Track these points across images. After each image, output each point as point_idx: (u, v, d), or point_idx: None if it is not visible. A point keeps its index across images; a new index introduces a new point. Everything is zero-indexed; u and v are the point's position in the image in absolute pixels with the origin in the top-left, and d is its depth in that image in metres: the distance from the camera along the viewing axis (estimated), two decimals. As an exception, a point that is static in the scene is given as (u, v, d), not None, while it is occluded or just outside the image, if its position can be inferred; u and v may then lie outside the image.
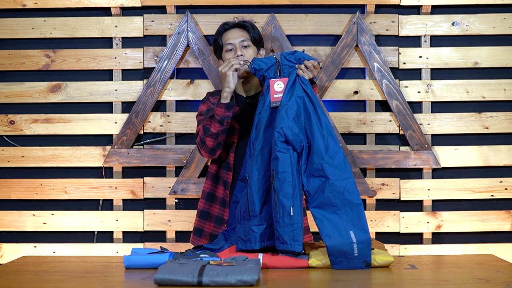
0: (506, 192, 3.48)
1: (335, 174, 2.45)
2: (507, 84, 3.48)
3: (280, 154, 2.49)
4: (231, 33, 2.85)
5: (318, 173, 2.47)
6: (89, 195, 3.51)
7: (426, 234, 3.47)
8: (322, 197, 2.45)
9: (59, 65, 3.50)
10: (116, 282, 2.29)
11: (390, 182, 3.45)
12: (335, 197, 2.43)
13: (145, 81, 3.47)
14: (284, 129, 2.50)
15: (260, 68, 2.61)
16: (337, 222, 2.41)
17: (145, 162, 3.47)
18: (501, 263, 2.56)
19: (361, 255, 2.37)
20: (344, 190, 2.44)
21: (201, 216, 2.90)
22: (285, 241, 2.43)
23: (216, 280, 2.10)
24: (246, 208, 2.57)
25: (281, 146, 2.50)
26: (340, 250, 2.38)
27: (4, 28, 3.51)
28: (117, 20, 3.49)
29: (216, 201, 2.89)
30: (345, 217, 2.42)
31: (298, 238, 2.43)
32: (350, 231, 2.39)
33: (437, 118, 3.48)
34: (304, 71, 2.59)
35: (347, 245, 2.37)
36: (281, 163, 2.48)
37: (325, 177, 2.45)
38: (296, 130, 2.51)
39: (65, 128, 3.51)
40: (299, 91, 2.55)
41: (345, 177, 2.46)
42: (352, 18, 3.44)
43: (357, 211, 2.42)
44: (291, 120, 2.51)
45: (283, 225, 2.45)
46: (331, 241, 2.38)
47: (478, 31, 3.48)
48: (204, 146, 2.78)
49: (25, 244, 3.50)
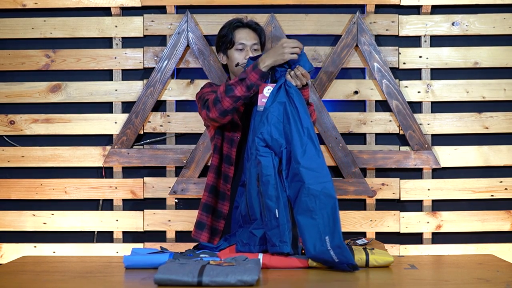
0: (506, 192, 3.47)
1: (311, 178, 2.44)
2: (507, 84, 3.48)
3: (262, 158, 2.52)
4: (245, 33, 2.89)
5: (296, 177, 2.47)
6: (89, 195, 3.51)
7: (426, 234, 3.47)
8: (300, 202, 2.44)
9: (59, 65, 3.50)
10: (116, 282, 2.29)
11: (390, 182, 3.45)
12: (311, 202, 2.42)
13: (145, 81, 3.47)
14: (263, 134, 2.54)
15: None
16: (313, 228, 2.40)
17: (145, 162, 3.47)
18: (501, 263, 2.56)
19: (341, 260, 2.36)
20: (320, 194, 2.42)
21: (204, 210, 2.89)
22: (274, 244, 2.45)
23: (216, 280, 2.10)
24: (247, 212, 2.58)
25: (262, 150, 2.53)
26: (322, 259, 2.39)
27: (4, 28, 3.51)
28: (117, 20, 3.49)
29: (218, 195, 2.89)
30: (322, 222, 2.40)
31: (285, 239, 2.44)
32: (326, 237, 2.38)
33: (437, 118, 3.48)
34: (292, 77, 2.61)
35: (325, 253, 2.37)
36: (264, 167, 2.51)
37: (301, 181, 2.45)
38: (276, 135, 2.53)
39: (65, 128, 3.50)
40: (282, 97, 2.56)
41: (321, 181, 2.44)
42: (352, 18, 3.44)
43: (333, 215, 2.41)
44: (271, 125, 2.54)
45: (271, 227, 2.47)
46: (310, 253, 2.39)
47: (478, 31, 3.48)
48: (218, 104, 2.67)
49: (25, 244, 3.50)
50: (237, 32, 2.87)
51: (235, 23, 2.90)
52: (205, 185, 2.91)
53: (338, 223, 2.40)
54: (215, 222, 2.87)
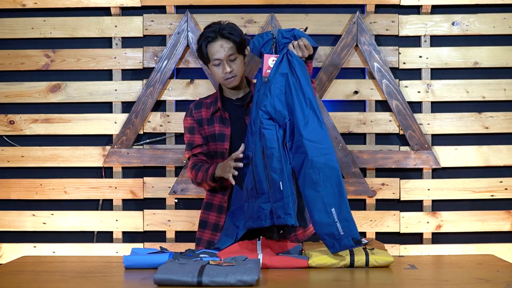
0: (506, 192, 3.47)
1: (314, 150, 2.45)
2: (507, 84, 3.48)
3: (265, 131, 2.52)
4: (217, 46, 2.75)
5: (299, 149, 2.48)
6: (89, 195, 3.51)
7: (426, 234, 3.47)
8: (304, 174, 2.45)
9: (58, 65, 3.50)
10: (116, 282, 2.29)
11: (390, 182, 3.45)
12: (315, 174, 2.43)
13: (145, 81, 3.47)
14: (266, 106, 2.55)
15: (258, 43, 2.67)
16: (318, 200, 2.42)
17: (145, 162, 3.47)
18: (501, 263, 2.56)
19: (346, 233, 2.38)
20: (324, 166, 2.43)
21: (205, 208, 2.92)
22: (279, 216, 2.45)
23: (216, 280, 2.10)
24: (253, 186, 2.57)
25: (266, 123, 2.54)
26: (328, 233, 2.40)
27: (4, 28, 3.50)
28: (116, 20, 3.49)
29: (213, 209, 2.89)
30: (326, 194, 2.41)
31: (289, 211, 2.44)
32: (332, 209, 2.40)
33: (437, 118, 3.47)
34: (295, 47, 2.62)
35: (331, 225, 2.39)
36: (267, 140, 2.51)
37: (304, 153, 2.46)
38: (279, 106, 2.54)
39: (65, 128, 3.50)
40: (284, 68, 2.57)
41: (324, 153, 2.45)
42: (352, 18, 3.44)
43: (338, 187, 2.42)
44: (274, 97, 2.55)
45: (276, 200, 2.47)
46: (318, 226, 2.41)
47: (478, 31, 3.48)
48: (196, 185, 2.89)
49: (25, 244, 3.50)
50: (210, 47, 2.76)
51: (207, 37, 2.76)
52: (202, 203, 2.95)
53: (345, 196, 2.42)
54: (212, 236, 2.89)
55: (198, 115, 2.90)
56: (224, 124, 2.84)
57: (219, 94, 2.89)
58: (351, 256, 2.42)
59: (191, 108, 2.93)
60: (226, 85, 2.83)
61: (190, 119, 2.91)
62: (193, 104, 2.95)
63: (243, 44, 2.81)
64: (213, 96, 2.95)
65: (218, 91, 2.91)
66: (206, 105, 2.91)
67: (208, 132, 2.87)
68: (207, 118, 2.88)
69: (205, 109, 2.90)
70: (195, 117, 2.90)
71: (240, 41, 2.78)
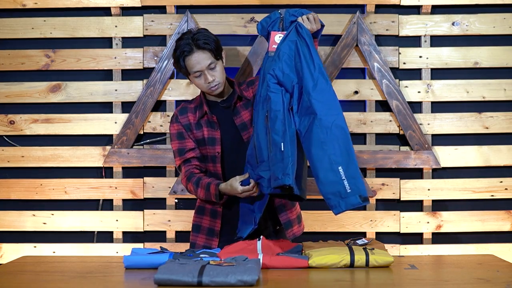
0: (506, 192, 3.47)
1: (323, 109, 2.49)
2: (507, 84, 3.48)
3: (272, 94, 2.56)
4: (194, 59, 2.71)
5: (308, 110, 2.52)
6: (89, 195, 3.51)
7: (426, 234, 3.47)
8: (311, 134, 2.48)
9: (59, 65, 3.50)
10: (116, 282, 2.29)
11: (390, 182, 3.45)
12: (323, 133, 2.46)
13: (145, 81, 3.47)
14: (275, 70, 2.59)
15: (266, 23, 2.73)
16: (325, 159, 2.44)
17: (145, 162, 3.47)
18: (501, 263, 2.56)
19: (353, 190, 2.39)
20: (332, 126, 2.47)
21: (198, 212, 2.92)
22: (277, 177, 2.47)
23: (216, 280, 2.10)
24: (253, 153, 2.62)
25: (273, 87, 2.58)
26: (333, 192, 2.41)
27: (4, 28, 3.50)
28: (117, 20, 3.49)
29: (206, 213, 2.88)
30: (333, 153, 2.44)
31: (288, 171, 2.45)
32: (339, 167, 2.42)
33: (437, 118, 3.48)
34: (304, 20, 2.66)
35: (338, 183, 2.40)
36: (273, 102, 2.55)
37: (313, 114, 2.49)
38: (287, 70, 2.58)
39: (65, 128, 3.50)
40: (293, 36, 2.62)
41: (333, 113, 2.49)
42: (352, 18, 3.44)
43: (345, 146, 2.45)
44: (282, 62, 2.59)
45: (276, 162, 2.50)
46: (323, 185, 2.43)
47: (478, 31, 3.48)
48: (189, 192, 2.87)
49: (25, 244, 3.50)
50: (188, 61, 2.72)
51: (183, 51, 2.71)
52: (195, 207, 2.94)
53: (353, 155, 2.45)
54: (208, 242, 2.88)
55: (185, 120, 2.85)
56: (213, 128, 2.81)
57: (203, 98, 2.85)
58: (351, 256, 2.42)
59: (176, 114, 2.88)
60: (211, 94, 2.80)
61: (177, 125, 2.86)
62: (177, 110, 2.90)
63: (219, 49, 2.77)
64: (197, 101, 2.90)
65: (202, 95, 2.87)
66: (191, 110, 2.87)
67: (197, 137, 2.84)
68: (194, 123, 2.84)
69: (191, 114, 2.86)
70: (182, 123, 2.85)
71: (216, 47, 2.74)
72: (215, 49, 2.73)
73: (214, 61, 2.73)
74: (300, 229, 2.94)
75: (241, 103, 2.84)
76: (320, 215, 3.44)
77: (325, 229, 3.45)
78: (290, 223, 2.86)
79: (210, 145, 2.81)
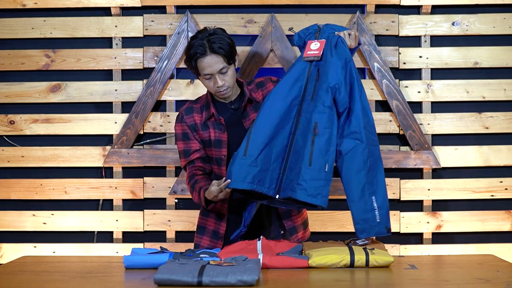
0: (506, 192, 3.47)
1: (369, 138, 2.61)
2: (507, 84, 3.48)
3: (327, 110, 2.59)
4: (207, 62, 2.67)
5: (354, 135, 2.60)
6: (89, 195, 3.51)
7: (426, 234, 3.47)
8: (353, 159, 2.58)
9: (59, 65, 3.50)
10: (116, 282, 2.29)
11: (390, 182, 3.45)
12: (367, 161, 2.58)
13: (145, 81, 3.47)
14: (337, 86, 2.61)
15: (304, 35, 2.78)
16: (362, 186, 2.56)
17: (145, 162, 3.47)
18: (501, 263, 2.56)
19: (382, 221, 2.55)
20: (373, 155, 2.60)
21: (203, 213, 2.90)
22: (313, 194, 2.52)
23: (216, 280, 2.10)
24: (244, 145, 2.61)
25: (328, 103, 2.60)
26: (364, 219, 2.55)
27: (4, 28, 3.50)
28: (117, 20, 3.49)
29: (211, 215, 2.86)
30: (369, 181, 2.57)
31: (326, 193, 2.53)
32: (373, 197, 2.56)
33: (437, 118, 3.48)
34: (345, 36, 2.69)
35: (369, 211, 2.55)
36: (326, 118, 2.57)
37: (360, 140, 2.59)
38: (343, 91, 2.62)
39: (65, 128, 3.50)
40: (348, 54, 2.67)
41: (375, 144, 2.64)
42: (352, 18, 3.44)
43: (380, 177, 2.60)
44: (342, 80, 2.62)
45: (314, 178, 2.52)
46: (356, 208, 2.55)
47: (478, 31, 3.48)
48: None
49: (25, 244, 3.50)
50: (200, 62, 2.67)
51: (195, 53, 2.67)
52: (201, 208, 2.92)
53: (385, 185, 2.61)
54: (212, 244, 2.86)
55: (191, 120, 2.82)
56: (220, 130, 2.77)
57: (210, 98, 2.81)
58: (351, 256, 2.42)
59: (182, 114, 2.84)
60: (218, 97, 2.78)
61: (183, 125, 2.83)
62: (183, 110, 2.86)
63: (233, 53, 2.73)
64: (203, 100, 2.86)
65: (209, 95, 2.83)
66: (197, 109, 2.83)
67: (203, 138, 2.80)
68: (201, 123, 2.80)
69: (197, 114, 2.81)
70: (187, 123, 2.82)
71: (230, 52, 2.70)
72: (229, 53, 2.69)
73: (226, 66, 2.69)
74: (306, 235, 2.93)
75: (250, 105, 2.80)
76: (320, 215, 3.44)
77: (325, 229, 3.45)
78: (295, 229, 2.86)
79: (216, 147, 2.79)
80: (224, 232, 2.82)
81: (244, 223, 2.65)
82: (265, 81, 2.86)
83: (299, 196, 2.51)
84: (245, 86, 2.82)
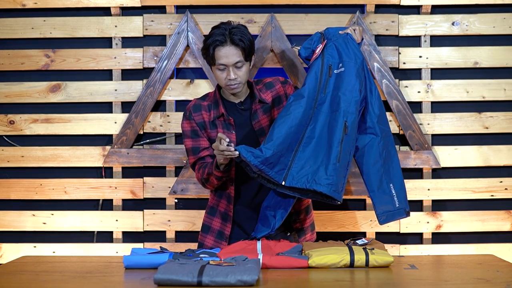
0: (506, 192, 3.47)
1: (383, 131, 2.74)
2: (507, 84, 3.48)
3: (357, 112, 2.69)
4: (225, 52, 2.66)
5: (369, 130, 2.73)
6: (89, 195, 3.51)
7: (426, 234, 3.47)
8: (370, 151, 2.71)
9: (58, 65, 3.50)
10: (116, 282, 2.29)
11: (390, 182, 3.45)
12: (382, 152, 2.72)
13: (145, 81, 3.47)
14: (362, 90, 2.71)
15: (310, 45, 2.81)
16: (380, 176, 2.71)
17: (145, 162, 3.47)
18: (501, 263, 2.56)
19: (401, 205, 2.71)
20: (389, 146, 2.75)
21: (209, 212, 2.89)
22: (337, 190, 2.60)
23: (216, 280, 2.10)
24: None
25: (357, 104, 2.69)
26: (384, 206, 2.70)
27: (4, 28, 3.50)
28: (116, 20, 3.49)
29: (217, 215, 2.85)
30: (387, 171, 2.72)
31: (343, 189, 2.64)
32: (390, 185, 2.71)
33: (437, 118, 3.48)
34: (352, 32, 2.75)
35: (389, 199, 2.70)
36: (355, 119, 2.67)
37: (375, 134, 2.72)
38: (363, 91, 2.73)
39: (64, 128, 3.50)
40: (360, 51, 2.74)
41: (389, 134, 2.77)
42: (352, 18, 3.44)
43: (396, 166, 2.74)
44: (363, 81, 2.73)
45: (338, 174, 2.61)
46: (376, 197, 2.70)
47: (478, 31, 3.48)
48: (206, 186, 2.80)
49: (25, 244, 3.50)
50: (218, 51, 2.66)
51: (215, 40, 2.66)
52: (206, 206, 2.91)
53: (401, 172, 2.76)
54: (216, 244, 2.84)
55: (199, 118, 2.78)
56: (229, 130, 2.75)
57: (219, 97, 2.79)
58: (351, 256, 2.42)
59: (190, 111, 2.80)
60: (227, 90, 2.75)
61: (191, 123, 2.79)
62: (190, 107, 2.82)
63: (252, 51, 2.73)
64: (211, 98, 2.83)
65: (218, 93, 2.81)
66: (204, 107, 2.80)
67: (211, 137, 2.77)
68: (209, 121, 2.78)
69: (205, 112, 2.79)
70: (196, 120, 2.78)
71: (249, 48, 2.69)
72: (248, 48, 2.68)
73: (242, 60, 2.68)
74: (313, 237, 2.93)
75: (259, 106, 2.79)
76: (320, 215, 3.44)
77: (325, 229, 3.45)
78: (303, 231, 2.87)
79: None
80: (229, 233, 2.81)
81: (273, 228, 2.66)
82: (274, 82, 2.85)
83: (324, 190, 2.58)
84: (254, 87, 2.81)
